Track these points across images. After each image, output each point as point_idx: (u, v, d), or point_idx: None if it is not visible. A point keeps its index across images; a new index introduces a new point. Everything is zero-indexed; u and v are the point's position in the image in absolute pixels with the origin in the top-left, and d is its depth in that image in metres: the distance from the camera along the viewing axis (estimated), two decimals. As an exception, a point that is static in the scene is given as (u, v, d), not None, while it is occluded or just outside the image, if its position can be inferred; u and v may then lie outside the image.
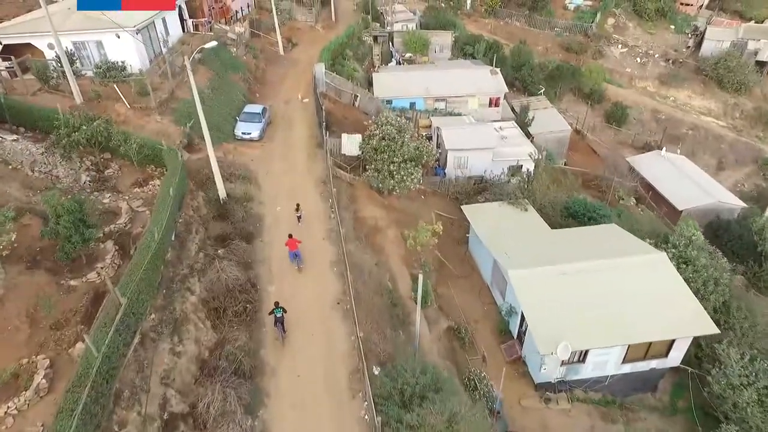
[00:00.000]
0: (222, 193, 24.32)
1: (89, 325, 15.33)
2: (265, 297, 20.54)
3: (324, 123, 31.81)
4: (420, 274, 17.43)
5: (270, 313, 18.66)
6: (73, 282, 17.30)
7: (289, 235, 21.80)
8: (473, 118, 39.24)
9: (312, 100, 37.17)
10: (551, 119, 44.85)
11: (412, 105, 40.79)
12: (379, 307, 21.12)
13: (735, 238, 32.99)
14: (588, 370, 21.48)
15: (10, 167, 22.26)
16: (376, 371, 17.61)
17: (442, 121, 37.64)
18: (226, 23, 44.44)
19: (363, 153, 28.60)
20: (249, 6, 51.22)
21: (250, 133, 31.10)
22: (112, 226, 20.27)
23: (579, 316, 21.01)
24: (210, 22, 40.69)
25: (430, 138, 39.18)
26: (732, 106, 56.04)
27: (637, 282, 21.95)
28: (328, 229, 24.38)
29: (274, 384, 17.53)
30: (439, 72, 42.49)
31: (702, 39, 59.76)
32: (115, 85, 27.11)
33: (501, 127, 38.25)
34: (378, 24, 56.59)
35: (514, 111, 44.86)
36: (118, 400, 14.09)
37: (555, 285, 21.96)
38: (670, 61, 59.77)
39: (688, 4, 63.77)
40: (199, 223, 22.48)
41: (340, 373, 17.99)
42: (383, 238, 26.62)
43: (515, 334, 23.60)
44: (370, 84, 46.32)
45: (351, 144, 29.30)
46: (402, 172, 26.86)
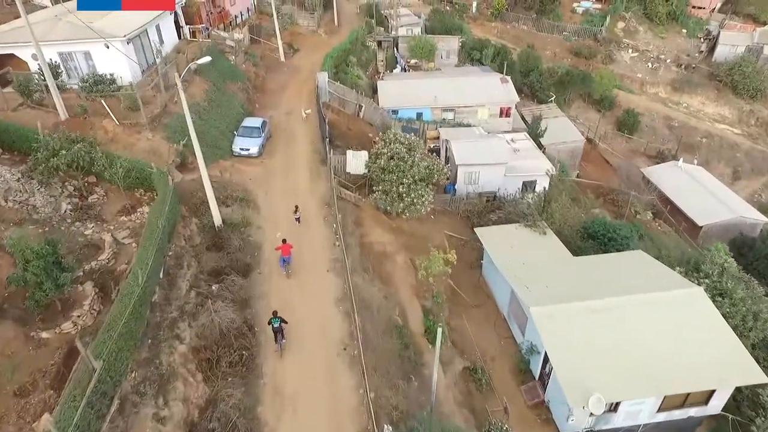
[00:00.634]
0: (217, 220, 22.06)
1: (60, 390, 13.12)
2: (263, 341, 18.29)
3: (327, 138, 29.53)
4: (439, 328, 15.13)
5: (268, 323, 17.72)
6: (44, 334, 15.07)
7: (283, 240, 20.70)
8: (483, 129, 36.93)
9: (314, 110, 34.86)
10: (563, 129, 42.51)
11: (419, 115, 38.51)
12: (389, 351, 18.87)
13: (761, 258, 30.66)
14: (619, 420, 19.21)
15: (-20, 196, 20.04)
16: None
17: (451, 133, 35.34)
18: (224, 29, 42.10)
19: (370, 172, 26.33)
20: (249, 10, 48.85)
21: (249, 150, 28.79)
22: (94, 263, 18.01)
23: (610, 360, 18.75)
24: (207, 29, 38.36)
25: (438, 150, 36.95)
26: (747, 113, 53.64)
27: (673, 320, 19.68)
28: (332, 260, 22.10)
29: (273, 448, 15.35)
30: (447, 80, 40.15)
31: (715, 43, 57.33)
32: (102, 101, 24.80)
33: (513, 139, 35.93)
34: (382, 29, 54.19)
35: (525, 120, 42.54)
36: (89, 485, 11.89)
37: (582, 324, 19.69)
38: (683, 66, 57.35)
39: (701, 8, 61.29)
40: (192, 255, 20.22)
41: (348, 433, 15.80)
42: (392, 266, 24.36)
43: (537, 375, 21.36)
44: (374, 91, 44.04)
45: (356, 162, 27.01)
46: (412, 194, 24.57)
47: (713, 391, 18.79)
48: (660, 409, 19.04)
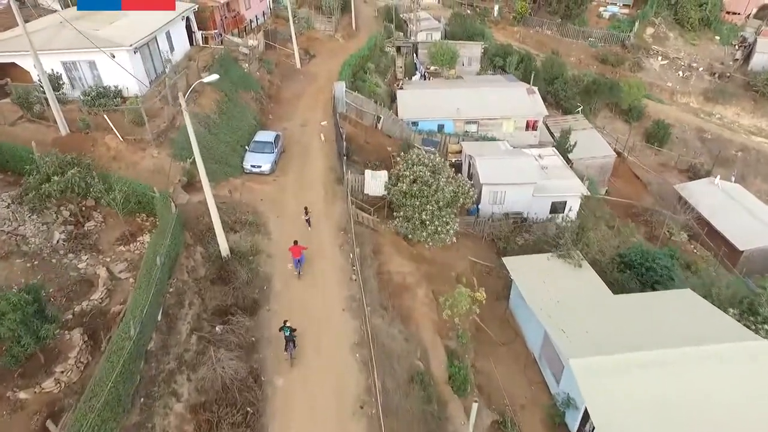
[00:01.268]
0: (224, 249, 19.97)
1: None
2: (272, 393, 16.15)
3: (344, 154, 27.33)
4: (474, 403, 12.83)
5: (280, 330, 17.00)
6: (22, 394, 13.10)
7: (294, 242, 20.42)
8: (509, 144, 34.42)
9: (330, 122, 32.67)
10: (592, 142, 39.75)
11: (440, 127, 36.10)
12: (411, 408, 16.62)
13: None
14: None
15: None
16: None
17: (475, 148, 32.88)
18: (239, 34, 40.10)
19: (390, 195, 24.07)
20: (264, 14, 46.81)
21: (261, 167, 26.66)
22: (85, 303, 16.03)
23: (662, 423, 16.30)
24: (221, 35, 36.35)
25: (460, 166, 34.55)
26: (786, 125, 50.30)
27: (736, 378, 17.12)
28: (348, 297, 19.86)
29: None
30: (470, 90, 37.64)
31: (751, 51, 53.88)
32: (105, 115, 22.87)
33: (540, 155, 33.39)
34: (401, 33, 51.80)
35: (551, 133, 39.87)
36: None
37: (630, 380, 17.19)
38: (716, 74, 53.99)
39: (735, 13, 57.74)
40: (194, 291, 18.14)
41: None
42: (412, 299, 22.07)
43: (573, 430, 18.94)
44: (392, 99, 41.74)
45: (375, 183, 24.75)
46: (436, 222, 22.23)
47: (782, 463, 16.26)
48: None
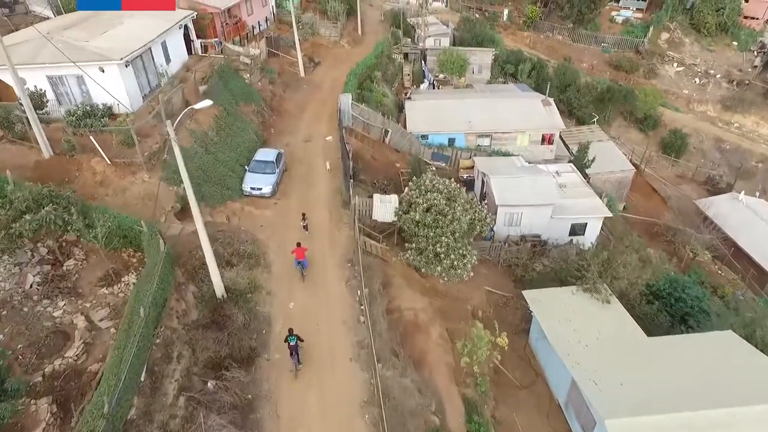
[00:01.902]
0: (219, 289, 17.81)
1: None
2: (269, 464, 14.05)
3: (350, 174, 25.15)
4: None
5: (285, 341, 16.12)
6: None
7: (298, 244, 19.95)
8: (524, 159, 32.11)
9: (336, 137, 30.44)
10: (609, 156, 37.39)
11: (451, 141, 33.83)
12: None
13: None
14: None
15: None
16: None
17: (488, 164, 30.60)
18: (240, 41, 37.91)
19: (400, 222, 21.85)
20: (267, 20, 44.55)
21: (261, 189, 24.47)
22: (58, 362, 13.91)
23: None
24: (221, 43, 34.15)
25: (472, 182, 32.30)
26: (809, 135, 47.75)
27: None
28: (356, 343, 17.64)
29: None
30: (482, 102, 35.30)
31: (771, 57, 51.41)
32: (91, 137, 20.72)
33: (558, 172, 31.10)
34: (409, 40, 49.44)
35: (566, 145, 37.51)
36: None
37: (674, 446, 15.03)
38: (734, 82, 51.44)
39: (754, 18, 55.09)
40: (184, 340, 15.99)
41: None
42: (425, 340, 19.86)
43: (607, 493, 16.73)
44: (400, 109, 39.50)
45: (384, 209, 22.52)
46: (452, 255, 19.99)
47: None
48: None
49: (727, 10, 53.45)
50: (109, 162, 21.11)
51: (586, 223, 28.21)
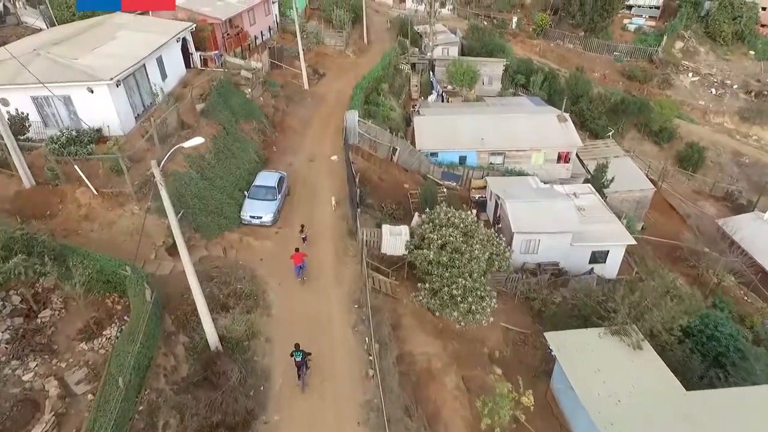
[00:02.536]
0: (213, 340, 15.82)
1: None
2: None
3: (358, 203, 23.12)
4: None
5: (291, 355, 15.45)
6: None
7: (296, 249, 19.75)
8: (539, 180, 30.00)
9: (341, 156, 28.41)
10: (627, 173, 35.28)
11: (462, 159, 31.76)
12: None
13: None
14: None
15: None
16: None
17: (502, 185, 28.51)
18: (242, 52, 35.93)
19: (413, 257, 19.80)
20: (271, 29, 42.56)
21: (261, 217, 22.46)
22: (24, 440, 11.95)
23: None
24: (221, 56, 32.16)
25: (484, 203, 30.26)
26: (831, 149, 45.46)
27: None
28: (364, 403, 15.58)
29: None
30: (495, 117, 33.16)
31: (790, 68, 49.10)
32: (76, 166, 18.75)
33: (576, 193, 29.03)
34: (416, 49, 47.38)
35: (581, 161, 35.33)
36: None
37: None
38: (752, 93, 49.16)
39: (771, 26, 52.86)
40: (172, 405, 13.98)
41: None
42: (440, 391, 17.80)
43: None
44: (407, 123, 37.54)
45: (394, 242, 20.45)
46: (469, 299, 17.92)
47: None
48: None
49: (744, 19, 51.18)
50: (95, 192, 19.14)
51: (608, 251, 26.20)
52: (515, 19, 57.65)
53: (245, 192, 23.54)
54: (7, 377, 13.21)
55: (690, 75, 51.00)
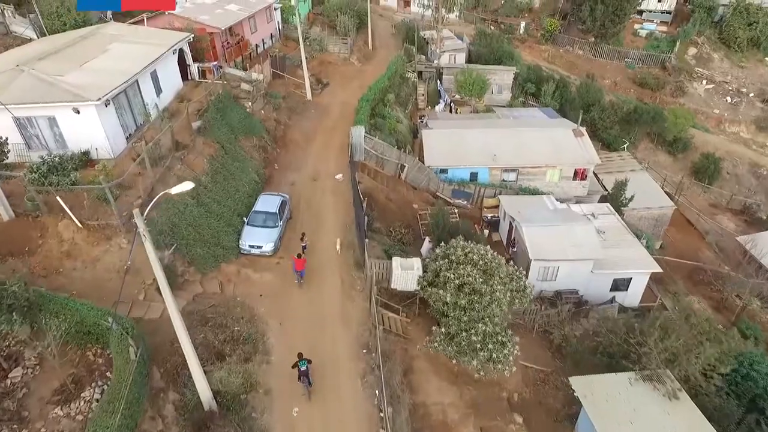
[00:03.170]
0: (206, 399, 13.98)
1: None
2: None
3: (365, 230, 21.22)
4: None
5: (293, 366, 14.93)
6: None
7: (298, 255, 19.26)
8: (555, 199, 28.07)
9: (347, 175, 26.52)
10: (645, 189, 33.18)
11: (473, 176, 29.86)
12: None
13: None
14: None
15: None
16: None
17: (517, 206, 26.63)
18: (242, 61, 34.04)
19: (426, 295, 17.94)
20: (273, 37, 40.61)
21: (261, 247, 20.58)
22: None
23: None
24: (220, 67, 30.22)
25: (497, 223, 28.36)
26: None
27: None
28: (376, 471, 13.82)
29: None
30: (508, 132, 31.21)
31: (808, 75, 46.98)
32: (58, 197, 16.90)
33: (594, 214, 27.13)
34: (423, 56, 45.39)
35: (596, 176, 33.34)
36: None
37: None
38: (768, 101, 47.14)
39: (788, 32, 50.62)
40: (158, 482, 12.18)
41: None
42: (457, 447, 16.03)
43: None
44: (415, 134, 35.70)
45: (405, 277, 18.57)
46: (490, 345, 16.04)
47: None
48: None
49: (760, 24, 49.04)
50: (79, 225, 17.29)
51: (631, 279, 24.32)
52: (523, 24, 55.59)
53: (244, 218, 21.66)
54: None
55: (704, 82, 48.92)
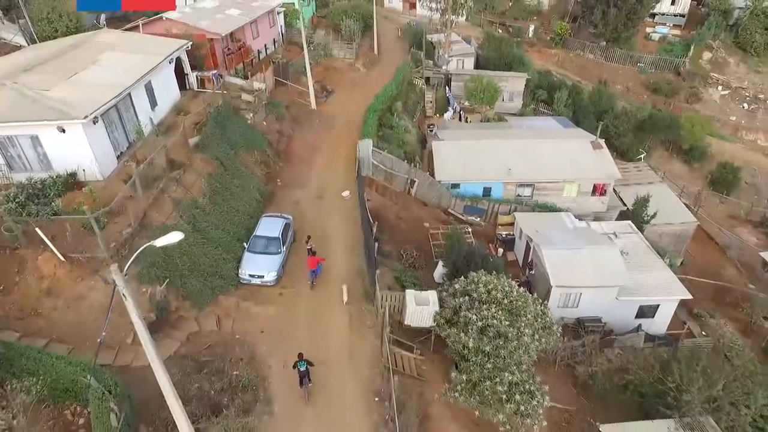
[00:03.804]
0: (198, 466, 12.23)
1: None
2: None
3: (375, 257, 19.35)
4: None
5: (293, 367, 14.53)
6: None
7: (313, 253, 18.98)
8: (573, 216, 26.22)
9: (354, 192, 24.68)
10: (665, 203, 31.20)
11: (487, 191, 27.96)
12: None
13: None
14: None
15: None
16: None
17: (534, 224, 24.78)
18: (244, 68, 32.13)
19: (444, 334, 16.11)
20: (275, 42, 38.69)
21: (263, 276, 18.73)
22: None
23: None
24: (220, 76, 28.34)
25: (512, 242, 26.49)
26: None
27: None
28: None
29: None
30: (522, 144, 29.22)
31: (828, 81, 44.90)
32: (38, 229, 15.10)
33: (616, 233, 25.27)
34: (431, 62, 43.41)
35: (615, 191, 31.33)
36: None
37: None
38: (787, 108, 45.09)
39: (807, 36, 48.52)
40: None
41: None
42: None
43: None
44: (423, 144, 33.84)
45: (420, 313, 16.73)
46: (517, 396, 14.22)
47: None
48: None
49: (778, 28, 46.98)
50: (62, 258, 15.49)
51: (658, 306, 22.45)
52: (532, 27, 53.54)
53: (244, 243, 19.80)
54: None
55: (719, 88, 46.89)
